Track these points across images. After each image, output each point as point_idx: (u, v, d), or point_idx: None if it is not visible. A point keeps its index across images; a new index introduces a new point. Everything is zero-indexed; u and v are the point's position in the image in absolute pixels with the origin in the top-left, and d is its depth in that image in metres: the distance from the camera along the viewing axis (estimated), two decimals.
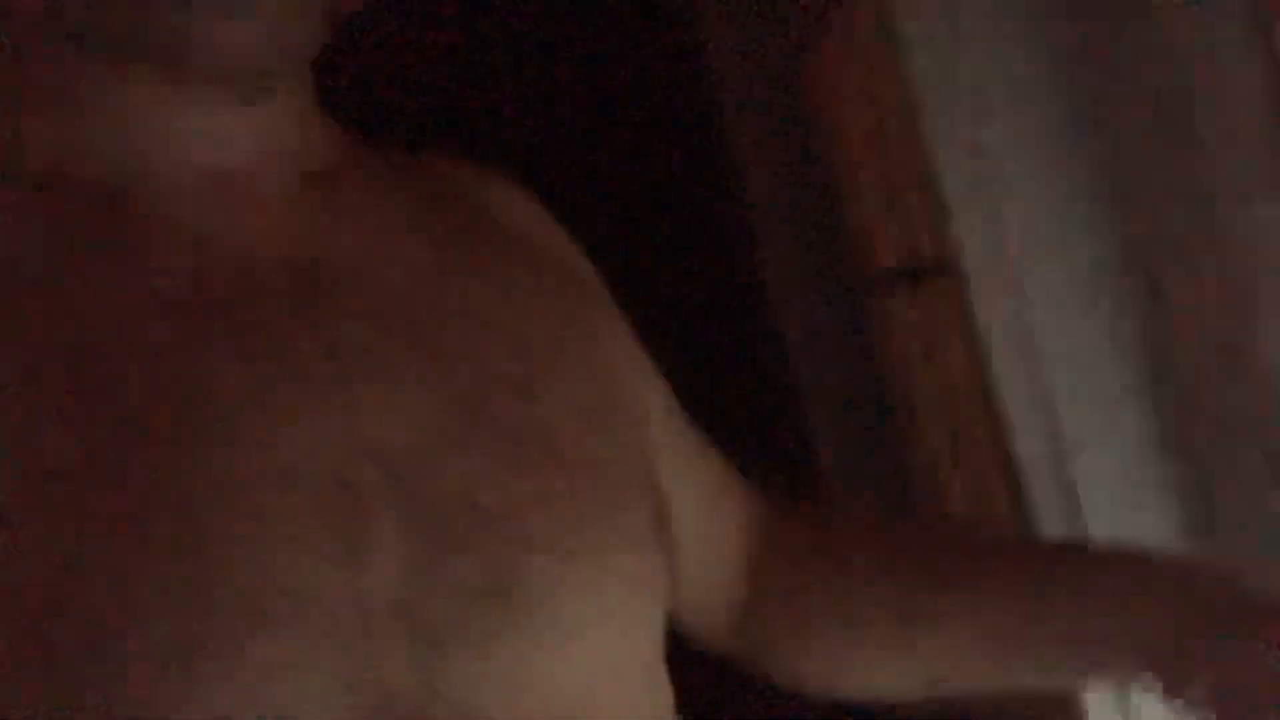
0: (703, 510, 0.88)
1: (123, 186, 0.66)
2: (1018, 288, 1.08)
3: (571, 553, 0.67)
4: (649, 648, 0.73)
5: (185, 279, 0.65)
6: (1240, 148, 1.01)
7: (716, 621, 0.90)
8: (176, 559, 0.57)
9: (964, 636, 0.84)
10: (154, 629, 0.56)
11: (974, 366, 1.13)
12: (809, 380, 1.76)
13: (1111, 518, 1.08)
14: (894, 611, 0.86)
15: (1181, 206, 1.05)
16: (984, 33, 1.11)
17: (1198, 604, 0.75)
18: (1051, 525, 1.12)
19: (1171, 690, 0.74)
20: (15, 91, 0.67)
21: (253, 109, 0.69)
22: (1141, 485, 1.05)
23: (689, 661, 0.85)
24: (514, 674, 0.63)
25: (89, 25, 0.64)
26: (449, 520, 0.64)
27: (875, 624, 0.87)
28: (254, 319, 0.65)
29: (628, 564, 0.70)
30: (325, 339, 0.66)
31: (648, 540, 0.72)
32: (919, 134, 1.14)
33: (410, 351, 0.68)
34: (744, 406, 2.11)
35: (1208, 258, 1.03)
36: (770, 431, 1.96)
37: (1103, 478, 1.07)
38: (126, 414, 0.60)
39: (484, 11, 2.18)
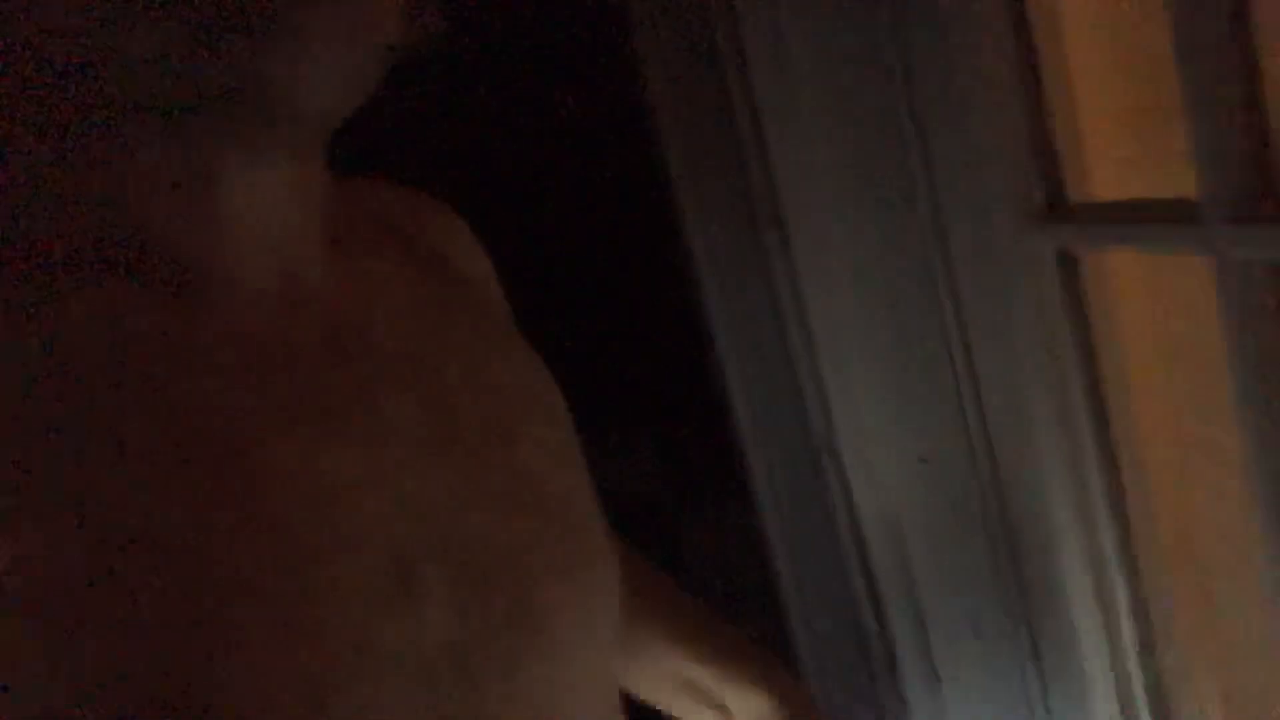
0: None
1: (187, 255, 0.64)
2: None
3: (564, 580, 0.73)
4: (612, 660, 0.81)
5: (248, 351, 0.65)
6: None
7: None
8: (272, 633, 0.60)
9: (659, 663, 1.04)
10: (258, 693, 0.59)
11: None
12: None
13: None
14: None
15: None
16: None
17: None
18: None
19: None
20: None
21: (300, 161, 0.67)
22: None
23: None
24: (534, 695, 0.70)
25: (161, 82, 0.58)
26: (476, 563, 0.69)
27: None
28: (301, 384, 0.66)
29: (603, 582, 0.78)
30: (364, 401, 0.68)
31: (610, 557, 0.80)
32: None
33: (422, 406, 0.71)
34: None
35: None
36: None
37: None
38: (206, 494, 0.60)
39: None
